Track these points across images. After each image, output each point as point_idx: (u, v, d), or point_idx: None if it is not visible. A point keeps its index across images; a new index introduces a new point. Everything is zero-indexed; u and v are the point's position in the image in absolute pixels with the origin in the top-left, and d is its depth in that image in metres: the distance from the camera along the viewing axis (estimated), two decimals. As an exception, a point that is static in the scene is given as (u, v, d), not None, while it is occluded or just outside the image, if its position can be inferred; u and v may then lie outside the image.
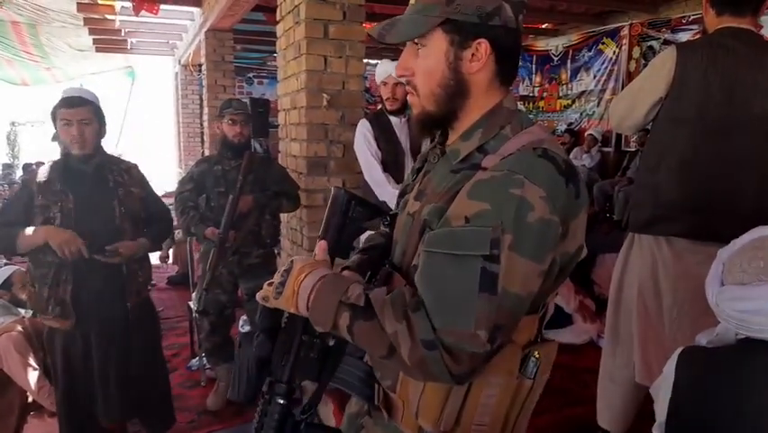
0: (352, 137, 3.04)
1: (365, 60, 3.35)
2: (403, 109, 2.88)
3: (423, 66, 0.94)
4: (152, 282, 5.35)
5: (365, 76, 3.69)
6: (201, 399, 3.16)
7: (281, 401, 0.97)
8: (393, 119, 2.89)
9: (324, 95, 3.08)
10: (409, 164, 2.88)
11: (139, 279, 2.31)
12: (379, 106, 3.04)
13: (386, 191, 2.70)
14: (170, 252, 5.43)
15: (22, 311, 3.24)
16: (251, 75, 10.65)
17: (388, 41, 0.94)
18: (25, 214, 2.12)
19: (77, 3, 5.94)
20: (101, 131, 2.23)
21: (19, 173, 10.41)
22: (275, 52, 9.35)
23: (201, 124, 9.23)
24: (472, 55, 0.91)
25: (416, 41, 0.94)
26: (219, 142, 3.06)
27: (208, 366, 3.32)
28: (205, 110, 6.76)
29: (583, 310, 3.69)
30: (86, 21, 6.84)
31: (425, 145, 2.88)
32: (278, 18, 3.53)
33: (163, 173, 15.05)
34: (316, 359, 1.02)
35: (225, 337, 3.16)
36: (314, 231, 3.18)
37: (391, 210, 1.23)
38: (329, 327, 0.89)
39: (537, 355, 0.91)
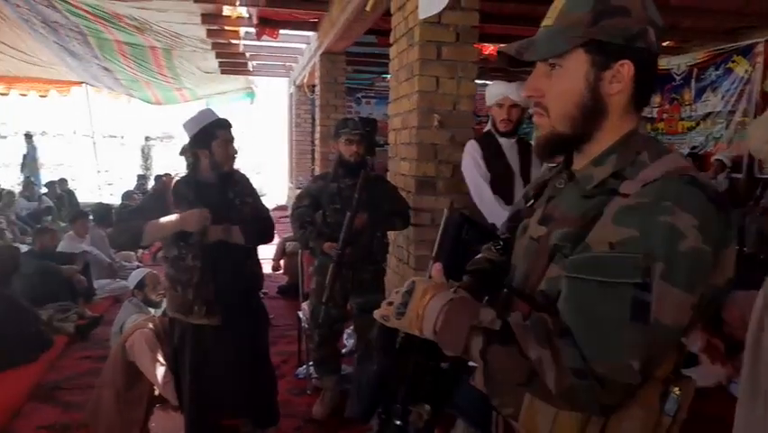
0: (461, 157, 3.05)
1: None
2: (515, 131, 2.84)
3: (558, 86, 0.94)
4: (264, 291, 5.66)
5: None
6: (307, 406, 3.28)
7: (398, 423, 0.98)
8: (502, 140, 2.87)
9: (436, 115, 3.12)
10: (519, 186, 2.83)
11: (261, 282, 2.57)
12: (487, 127, 3.02)
13: (495, 213, 2.67)
14: (281, 262, 5.71)
15: (152, 310, 3.56)
16: (359, 95, 11.03)
17: (526, 58, 0.95)
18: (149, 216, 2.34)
19: (207, 29, 6.49)
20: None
21: (151, 184, 11.45)
22: (384, 73, 9.71)
23: (312, 142, 9.67)
24: (613, 76, 0.90)
25: (550, 61, 0.93)
26: (335, 161, 3.17)
27: (315, 376, 3.44)
28: (317, 129, 7.07)
29: (711, 351, 3.39)
30: (214, 45, 7.44)
31: (537, 168, 2.85)
32: (391, 41, 3.63)
33: (275, 188, 15.93)
34: (431, 382, 1.02)
35: (333, 350, 3.26)
36: (421, 249, 3.21)
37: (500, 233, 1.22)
38: (460, 351, 0.89)
39: (678, 392, 0.86)
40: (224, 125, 2.39)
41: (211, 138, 2.36)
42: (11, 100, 11.60)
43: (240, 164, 2.61)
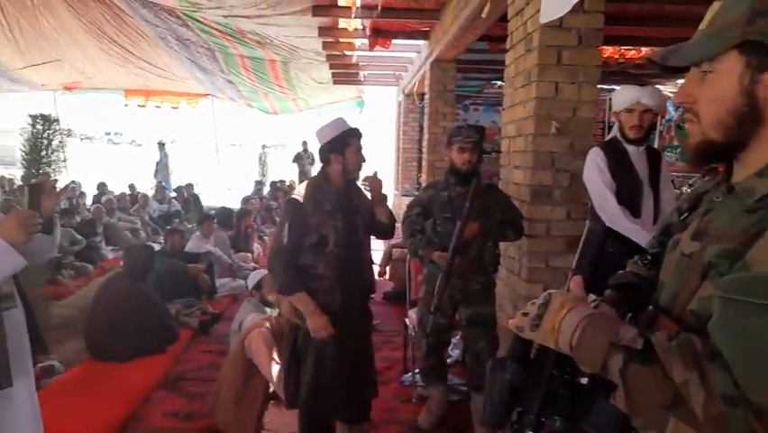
0: (580, 166, 2.90)
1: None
2: (645, 138, 2.65)
3: (710, 91, 0.88)
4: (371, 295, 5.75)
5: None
6: (412, 414, 3.27)
7: None
8: (630, 148, 2.68)
9: (554, 122, 3.00)
10: (648, 197, 2.64)
11: (374, 290, 2.62)
12: (612, 134, 2.85)
13: (620, 225, 2.50)
14: (387, 268, 5.77)
15: (269, 310, 3.73)
16: (467, 102, 10.93)
17: (671, 63, 0.90)
18: (297, 235, 2.39)
19: (323, 42, 6.75)
20: None
21: (266, 189, 12.10)
22: (493, 80, 9.55)
23: (419, 150, 9.72)
24: None
25: (703, 66, 0.88)
26: (447, 169, 3.15)
27: (420, 384, 3.42)
28: (425, 136, 7.09)
29: None
30: (328, 57, 7.73)
31: (668, 178, 2.63)
32: (507, 47, 3.55)
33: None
34: (567, 396, 0.99)
35: (440, 359, 3.23)
36: (534, 261, 3.10)
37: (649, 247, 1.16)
38: (598, 368, 0.86)
39: None
40: (357, 134, 2.49)
41: (345, 145, 2.44)
42: (147, 111, 12.85)
43: None
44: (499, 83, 9.44)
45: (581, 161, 2.89)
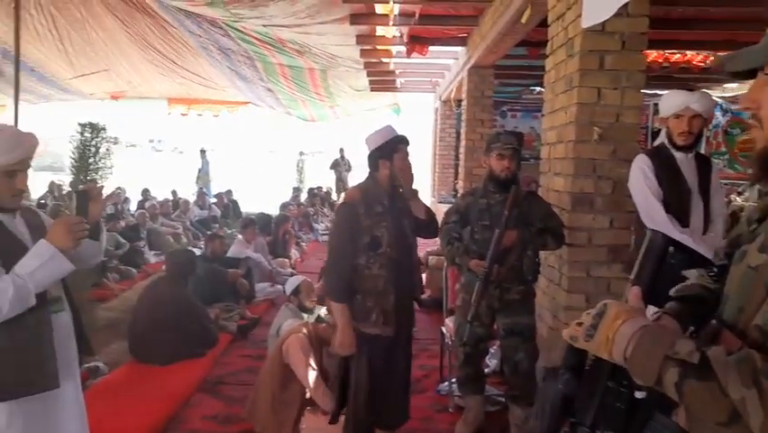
0: (623, 173, 2.83)
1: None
2: (694, 145, 2.57)
3: None
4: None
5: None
6: (448, 424, 3.23)
7: None
8: (678, 155, 2.59)
9: (596, 128, 2.93)
10: (697, 205, 2.54)
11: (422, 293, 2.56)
12: (659, 140, 2.76)
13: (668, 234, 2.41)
14: (423, 276, 5.73)
15: (306, 316, 3.76)
16: (505, 108, 10.82)
17: (727, 69, 0.90)
18: (351, 240, 2.45)
19: (360, 49, 6.79)
20: None
21: (304, 195, 12.25)
22: (531, 86, 9.43)
23: (456, 157, 9.66)
24: None
25: (766, 69, 0.85)
26: (485, 176, 3.11)
27: (457, 394, 3.38)
28: (462, 143, 7.04)
29: None
30: (366, 64, 7.77)
31: (720, 187, 2.54)
32: (547, 52, 3.49)
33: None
34: (623, 410, 0.97)
35: (477, 369, 3.18)
36: (575, 270, 3.03)
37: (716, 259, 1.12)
38: (652, 382, 0.84)
39: None
40: (405, 141, 2.52)
41: (393, 151, 2.48)
42: (189, 119, 13.19)
43: None
44: (538, 89, 9.33)
45: (625, 168, 2.81)
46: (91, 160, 4.37)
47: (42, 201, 9.31)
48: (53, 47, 7.85)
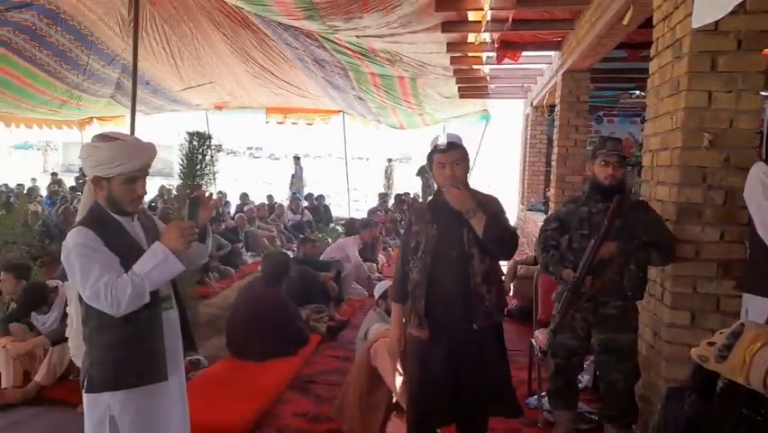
0: (737, 182, 2.62)
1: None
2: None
3: None
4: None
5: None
6: (537, 440, 3.13)
7: None
8: (802, 163, 2.37)
9: (706, 134, 2.74)
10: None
11: (486, 302, 2.40)
12: None
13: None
14: (512, 285, 5.61)
15: (393, 321, 3.79)
16: (601, 113, 10.37)
17: None
18: (405, 244, 2.57)
19: (451, 56, 6.78)
20: (467, 169, 2.49)
21: (391, 201, 12.40)
22: (630, 89, 8.96)
23: (547, 164, 9.39)
24: None
25: None
26: (589, 183, 3.00)
27: (547, 408, 3.27)
28: (555, 149, 6.83)
29: None
30: (456, 71, 7.75)
31: None
32: (651, 54, 3.31)
33: (508, 209, 15.87)
34: None
35: (569, 383, 3.06)
36: (679, 286, 2.83)
37: None
38: None
39: None
40: (440, 150, 2.42)
41: (430, 161, 2.48)
42: (285, 128, 13.75)
43: (473, 184, 2.61)
44: (638, 92, 8.87)
45: (739, 177, 2.61)
46: (198, 166, 4.68)
47: (153, 204, 10.07)
48: (165, 62, 8.51)
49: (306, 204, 11.40)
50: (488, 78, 8.45)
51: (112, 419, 1.95)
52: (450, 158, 2.41)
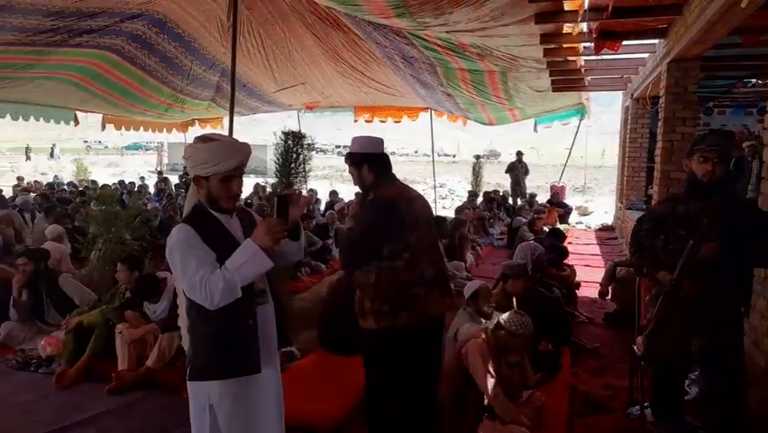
0: None
1: None
2: None
3: None
4: (588, 316, 5.38)
5: None
6: (639, 452, 2.95)
7: None
8: None
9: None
10: None
11: None
12: None
13: None
14: (610, 288, 5.33)
15: (483, 321, 3.71)
16: (711, 104, 9.61)
17: None
18: None
19: (544, 49, 6.53)
20: None
21: (479, 199, 12.20)
22: (745, 78, 8.23)
23: (650, 159, 8.84)
24: None
25: None
26: (685, 181, 2.80)
27: (650, 420, 3.07)
28: (658, 144, 6.39)
29: None
30: (549, 64, 7.46)
31: None
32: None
33: (601, 207, 15.14)
34: None
35: (673, 393, 2.86)
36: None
37: None
38: None
39: None
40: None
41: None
42: (373, 126, 13.92)
43: (567, 181, 2.50)
44: (755, 81, 8.13)
45: None
46: (292, 165, 4.84)
47: (249, 201, 10.55)
48: (261, 65, 8.89)
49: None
50: (583, 69, 8.07)
51: (211, 407, 2.06)
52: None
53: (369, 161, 2.71)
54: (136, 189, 12.97)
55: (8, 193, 11.36)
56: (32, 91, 9.21)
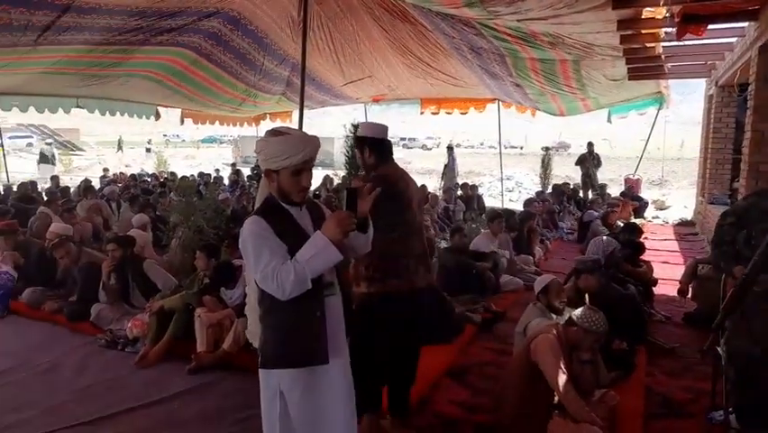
0: None
1: None
2: None
3: None
4: (667, 315, 5.14)
5: None
6: (722, 459, 2.81)
7: None
8: None
9: None
10: None
11: None
12: None
13: None
14: (690, 286, 5.06)
15: (554, 316, 3.64)
16: (806, 91, 8.86)
17: None
18: None
19: (621, 35, 6.25)
20: None
21: (548, 191, 11.89)
22: None
23: (736, 151, 8.31)
24: None
25: None
26: None
27: (735, 426, 2.91)
28: (747, 134, 6.00)
29: None
30: (626, 51, 7.13)
31: None
32: None
33: (679, 201, 14.38)
34: None
35: (757, 396, 2.69)
36: None
37: None
38: None
39: None
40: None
41: None
42: (439, 118, 13.86)
43: (642, 174, 2.40)
44: None
45: None
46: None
47: (317, 193, 10.77)
48: (329, 59, 9.03)
49: (459, 193, 11.37)
50: (663, 56, 7.66)
51: (282, 394, 2.12)
52: None
53: (373, 144, 2.99)
54: (212, 181, 13.53)
55: (96, 184, 12.14)
56: (118, 88, 9.79)
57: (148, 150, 31.65)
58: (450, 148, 14.33)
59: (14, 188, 10.59)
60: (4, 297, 5.25)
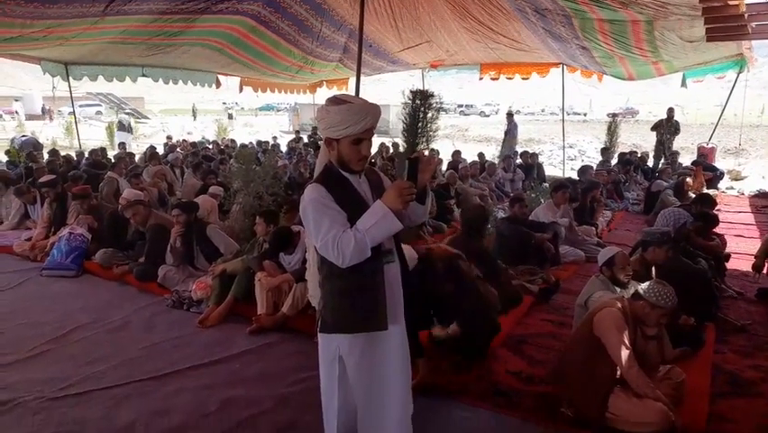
0: None
1: None
2: None
3: None
4: (740, 291, 4.88)
5: None
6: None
7: None
8: None
9: None
10: None
11: None
12: None
13: None
14: (767, 262, 4.75)
15: (618, 290, 3.50)
16: None
17: None
18: None
19: (701, -8, 5.81)
20: None
21: (614, 161, 11.34)
22: None
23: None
24: None
25: None
26: None
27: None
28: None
29: None
30: (705, 10, 6.63)
31: None
32: None
33: (759, 172, 13.50)
34: None
35: None
36: None
37: None
38: None
39: None
40: None
41: None
42: (498, 84, 13.46)
43: (717, 142, 2.20)
44: None
45: None
46: (419, 124, 4.82)
47: (373, 161, 10.77)
48: (387, 24, 8.88)
49: (519, 162, 11.07)
50: (746, 15, 7.07)
51: (341, 358, 2.16)
52: None
53: None
54: (270, 148, 13.77)
55: (160, 151, 12.59)
56: (180, 57, 10.03)
57: (230, 116, 32.52)
58: (510, 114, 13.89)
59: (86, 155, 11.10)
60: (78, 257, 5.56)
